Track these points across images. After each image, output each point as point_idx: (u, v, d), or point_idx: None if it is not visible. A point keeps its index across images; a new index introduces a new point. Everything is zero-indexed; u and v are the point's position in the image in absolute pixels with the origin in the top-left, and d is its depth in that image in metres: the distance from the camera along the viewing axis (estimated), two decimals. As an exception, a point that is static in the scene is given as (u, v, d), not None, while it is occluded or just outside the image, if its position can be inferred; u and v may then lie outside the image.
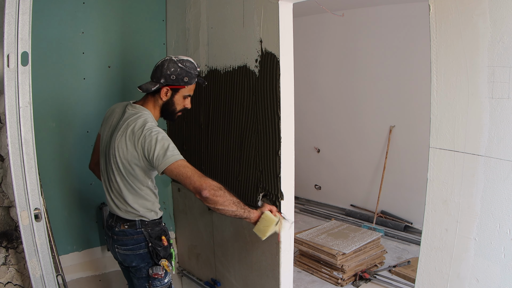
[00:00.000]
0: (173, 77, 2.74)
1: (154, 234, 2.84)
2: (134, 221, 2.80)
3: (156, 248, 2.81)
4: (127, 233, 2.81)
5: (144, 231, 2.81)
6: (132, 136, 2.62)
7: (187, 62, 2.78)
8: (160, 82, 2.75)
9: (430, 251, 2.27)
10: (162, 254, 2.83)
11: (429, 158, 2.23)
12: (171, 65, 2.73)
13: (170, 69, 2.73)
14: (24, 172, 2.54)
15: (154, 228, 2.86)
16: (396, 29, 6.28)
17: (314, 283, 4.86)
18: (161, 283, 2.84)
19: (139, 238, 2.81)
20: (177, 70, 2.74)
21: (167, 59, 2.76)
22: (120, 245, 2.85)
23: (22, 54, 2.45)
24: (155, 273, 2.79)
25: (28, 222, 2.59)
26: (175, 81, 2.75)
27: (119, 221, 2.83)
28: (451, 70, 2.09)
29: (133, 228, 2.81)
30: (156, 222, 2.88)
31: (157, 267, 2.80)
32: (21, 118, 2.49)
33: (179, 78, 2.75)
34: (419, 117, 6.04)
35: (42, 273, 2.70)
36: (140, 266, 2.84)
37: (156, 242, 2.82)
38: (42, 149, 3.29)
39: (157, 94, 2.81)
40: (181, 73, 2.75)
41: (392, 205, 6.73)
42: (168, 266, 2.83)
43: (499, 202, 1.97)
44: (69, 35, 3.50)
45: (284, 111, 2.95)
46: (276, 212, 2.81)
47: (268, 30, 2.94)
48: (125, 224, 2.82)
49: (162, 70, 2.74)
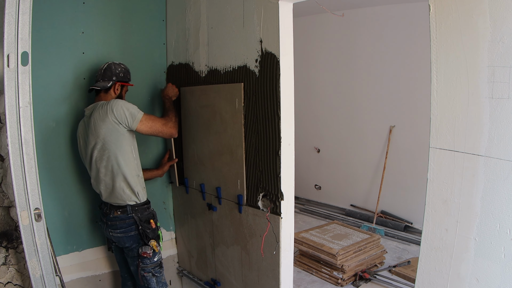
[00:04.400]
0: (121, 75, 3.45)
1: (144, 218, 3.32)
2: (125, 206, 3.29)
3: (145, 231, 3.28)
4: (119, 218, 3.30)
5: (134, 215, 3.29)
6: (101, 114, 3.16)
7: (123, 64, 3.51)
8: (112, 79, 3.40)
9: (430, 251, 2.27)
10: (151, 236, 3.31)
11: (429, 158, 2.23)
12: (117, 66, 3.43)
13: (118, 69, 3.43)
14: (24, 172, 2.54)
15: (143, 212, 3.34)
16: (396, 29, 6.28)
17: (314, 283, 4.86)
18: (150, 261, 3.31)
19: (130, 222, 3.29)
20: (122, 69, 3.46)
21: (111, 63, 3.43)
22: (113, 229, 3.32)
23: (22, 54, 2.45)
24: (144, 251, 3.25)
25: (28, 222, 2.59)
26: (123, 78, 3.46)
27: (113, 208, 3.32)
28: (451, 70, 2.09)
29: (125, 214, 3.29)
30: (145, 207, 3.37)
31: (146, 247, 3.27)
32: (21, 118, 2.49)
33: (125, 75, 3.48)
34: (419, 117, 6.05)
35: (42, 273, 2.69)
36: (132, 246, 3.31)
37: (145, 225, 3.30)
38: (42, 149, 3.30)
39: (109, 90, 3.41)
40: (125, 71, 3.48)
41: (392, 205, 6.73)
42: (156, 246, 3.31)
43: (499, 202, 1.97)
44: (69, 35, 3.49)
45: (284, 111, 2.96)
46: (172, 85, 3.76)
47: (268, 30, 2.94)
48: (118, 210, 3.30)
49: (112, 70, 3.40)
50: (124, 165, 3.23)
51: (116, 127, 3.14)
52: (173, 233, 4.42)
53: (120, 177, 3.24)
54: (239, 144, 3.31)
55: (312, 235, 5.29)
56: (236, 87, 3.27)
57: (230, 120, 3.36)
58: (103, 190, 3.32)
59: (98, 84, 3.35)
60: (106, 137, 3.15)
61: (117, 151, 3.19)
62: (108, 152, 3.19)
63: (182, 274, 4.40)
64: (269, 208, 3.13)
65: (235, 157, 3.37)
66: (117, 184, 3.24)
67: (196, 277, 4.20)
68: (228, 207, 3.55)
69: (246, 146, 3.26)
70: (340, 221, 6.66)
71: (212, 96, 3.53)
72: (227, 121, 3.40)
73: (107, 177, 3.26)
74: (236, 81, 3.29)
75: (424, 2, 2.25)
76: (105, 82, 3.36)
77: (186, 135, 3.93)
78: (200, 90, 3.65)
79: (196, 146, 3.82)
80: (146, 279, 3.32)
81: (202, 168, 3.79)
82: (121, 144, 3.20)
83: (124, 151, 3.22)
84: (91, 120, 3.19)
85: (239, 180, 3.36)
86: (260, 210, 3.20)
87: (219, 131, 3.50)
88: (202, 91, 3.63)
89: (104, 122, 3.12)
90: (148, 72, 4.03)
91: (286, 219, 3.08)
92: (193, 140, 3.84)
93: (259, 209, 3.22)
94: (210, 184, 3.72)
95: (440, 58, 2.14)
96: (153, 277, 3.34)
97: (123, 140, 3.21)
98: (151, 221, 3.33)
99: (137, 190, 3.30)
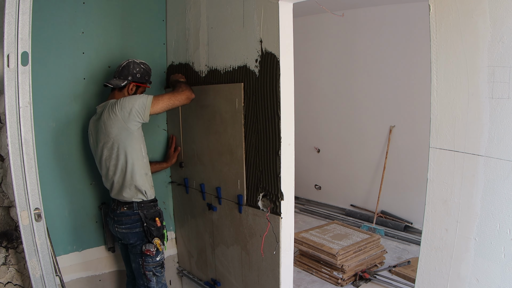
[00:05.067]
0: (138, 75, 3.38)
1: (149, 216, 3.32)
2: (131, 203, 3.30)
3: (150, 228, 3.28)
4: (125, 214, 3.31)
5: (140, 212, 3.30)
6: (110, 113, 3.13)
7: (145, 64, 3.45)
8: (127, 79, 3.34)
9: (430, 251, 2.27)
10: (155, 234, 3.30)
11: (429, 158, 2.23)
12: (136, 66, 3.37)
13: (136, 69, 3.36)
14: (24, 172, 2.53)
15: (149, 210, 3.35)
16: (396, 29, 6.28)
17: (314, 283, 4.86)
18: (152, 260, 3.31)
19: (135, 218, 3.29)
20: (141, 70, 3.39)
21: (130, 61, 3.37)
22: (119, 225, 3.33)
23: (22, 54, 2.44)
24: (147, 249, 3.24)
25: (28, 222, 2.59)
26: (140, 79, 3.40)
27: (120, 204, 3.34)
28: (451, 70, 2.09)
29: (131, 210, 3.30)
30: (151, 205, 3.38)
31: (149, 244, 3.26)
32: (21, 118, 2.49)
33: (143, 76, 3.41)
34: (419, 117, 6.05)
35: (42, 273, 2.69)
36: (136, 243, 3.30)
37: (151, 223, 3.30)
38: (42, 149, 3.29)
39: (124, 89, 3.36)
40: (144, 72, 3.42)
41: (392, 205, 6.73)
42: (160, 244, 3.30)
43: (499, 202, 1.97)
44: (69, 35, 3.48)
45: (284, 111, 2.95)
46: None
47: (268, 30, 2.94)
48: (124, 206, 3.31)
49: (129, 69, 3.34)
50: (132, 163, 3.24)
51: (125, 126, 3.13)
52: (173, 233, 4.42)
53: (129, 175, 3.25)
54: (239, 144, 3.31)
55: (312, 235, 5.30)
56: (236, 87, 3.27)
57: (230, 120, 3.36)
58: (112, 187, 3.35)
59: (112, 82, 3.33)
60: (116, 136, 3.16)
61: (126, 150, 3.20)
62: (118, 151, 3.20)
63: (182, 274, 4.40)
64: (269, 208, 3.12)
65: (235, 157, 3.37)
66: (125, 183, 3.26)
67: (196, 277, 4.20)
68: (228, 207, 3.54)
69: (246, 146, 3.26)
70: (340, 221, 6.66)
71: (212, 96, 3.52)
72: (227, 121, 3.40)
73: (116, 175, 3.27)
74: (236, 81, 3.29)
75: (424, 2, 2.25)
76: (120, 81, 3.33)
77: (186, 135, 3.93)
78: (200, 90, 3.64)
79: (196, 146, 3.81)
80: (147, 277, 3.32)
81: (202, 168, 3.79)
82: (131, 142, 3.21)
83: (133, 149, 3.23)
84: (101, 118, 3.20)
85: (239, 180, 3.36)
86: (260, 210, 3.20)
87: (219, 131, 3.50)
88: (202, 91, 3.62)
89: (113, 121, 3.12)
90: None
91: (286, 219, 3.08)
92: (193, 140, 3.84)
93: (259, 209, 3.21)
94: (210, 184, 3.72)
95: (440, 58, 2.13)
96: (154, 277, 3.34)
97: (132, 139, 3.21)
98: (157, 219, 3.33)
99: (144, 189, 3.31)
